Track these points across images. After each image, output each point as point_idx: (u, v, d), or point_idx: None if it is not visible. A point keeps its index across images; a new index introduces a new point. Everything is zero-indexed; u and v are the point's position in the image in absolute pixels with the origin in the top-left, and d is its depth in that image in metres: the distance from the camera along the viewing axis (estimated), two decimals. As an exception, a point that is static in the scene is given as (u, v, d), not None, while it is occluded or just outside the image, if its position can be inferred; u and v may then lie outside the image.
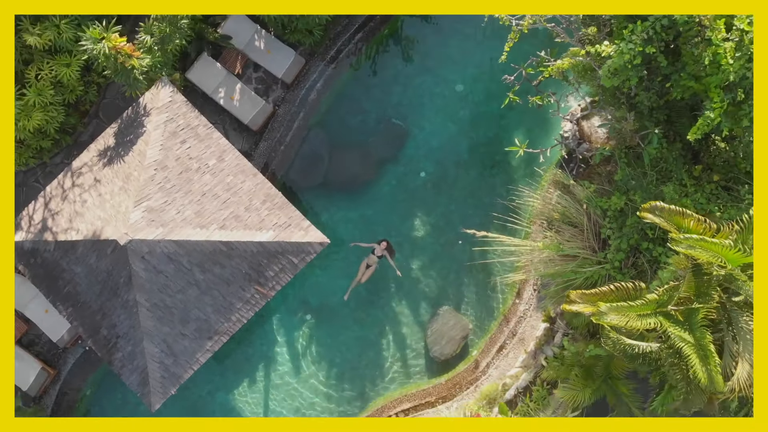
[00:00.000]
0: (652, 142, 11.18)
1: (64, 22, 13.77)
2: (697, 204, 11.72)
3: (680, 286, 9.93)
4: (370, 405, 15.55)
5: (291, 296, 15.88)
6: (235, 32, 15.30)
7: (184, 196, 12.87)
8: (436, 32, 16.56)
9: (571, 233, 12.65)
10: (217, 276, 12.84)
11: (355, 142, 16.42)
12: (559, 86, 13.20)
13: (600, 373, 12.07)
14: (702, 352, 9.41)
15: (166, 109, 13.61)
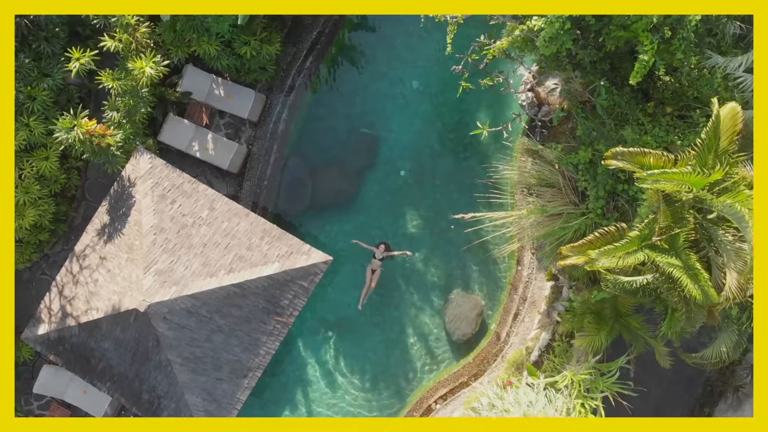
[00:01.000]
0: (601, 94, 12.09)
1: (32, 119, 14.52)
2: (658, 138, 12.65)
3: (657, 217, 10.83)
4: (409, 400, 16.41)
5: (309, 318, 16.68)
6: (193, 87, 16.08)
7: (188, 251, 13.66)
8: (380, 38, 17.42)
9: (551, 194, 13.54)
10: (237, 317, 13.64)
11: (331, 159, 17.24)
12: (505, 64, 14.08)
13: (609, 314, 12.98)
14: (691, 272, 10.31)
15: (150, 176, 14.39)
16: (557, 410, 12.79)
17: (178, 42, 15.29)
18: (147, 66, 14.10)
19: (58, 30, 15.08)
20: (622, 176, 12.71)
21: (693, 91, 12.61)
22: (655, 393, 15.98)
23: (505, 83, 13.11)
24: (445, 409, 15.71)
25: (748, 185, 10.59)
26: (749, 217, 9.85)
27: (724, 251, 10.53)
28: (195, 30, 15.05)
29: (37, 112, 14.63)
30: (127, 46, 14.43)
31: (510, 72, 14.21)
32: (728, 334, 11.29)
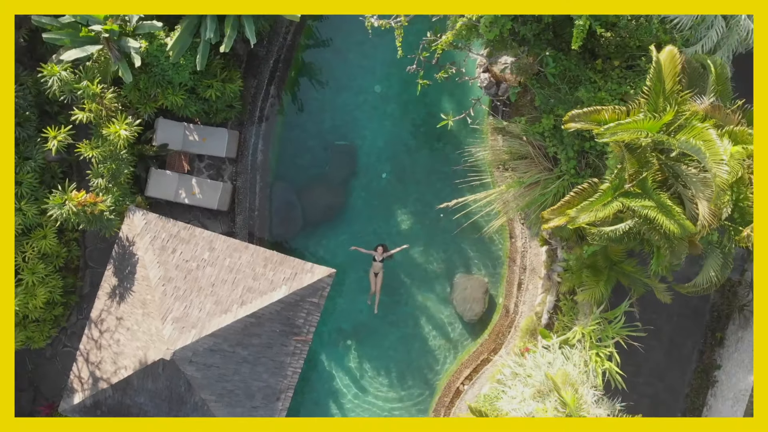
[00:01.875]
0: (549, 64, 12.91)
1: (23, 203, 15.22)
2: (612, 92, 13.48)
3: (624, 166, 11.67)
4: (437, 388, 17.22)
5: (326, 332, 17.46)
6: (167, 138, 16.82)
7: (198, 294, 14.41)
8: (334, 52, 18.24)
9: (525, 165, 14.37)
10: (258, 345, 14.40)
11: (314, 177, 18.02)
12: (456, 55, 14.89)
13: (603, 265, 13.82)
14: (665, 210, 11.14)
15: (146, 231, 15.13)
16: (575, 365, 13.60)
17: (144, 100, 16.05)
18: (121, 129, 14.84)
19: (28, 113, 15.80)
20: (587, 134, 13.52)
21: (634, 41, 13.43)
22: (665, 329, 16.86)
23: (459, 73, 13.91)
24: (472, 388, 16.52)
25: (700, 119, 11.45)
26: (706, 148, 10.70)
27: (691, 184, 11.38)
28: (158, 84, 15.81)
29: (27, 195, 15.34)
30: (97, 115, 15.16)
31: (461, 61, 15.01)
32: (713, 259, 12.12)
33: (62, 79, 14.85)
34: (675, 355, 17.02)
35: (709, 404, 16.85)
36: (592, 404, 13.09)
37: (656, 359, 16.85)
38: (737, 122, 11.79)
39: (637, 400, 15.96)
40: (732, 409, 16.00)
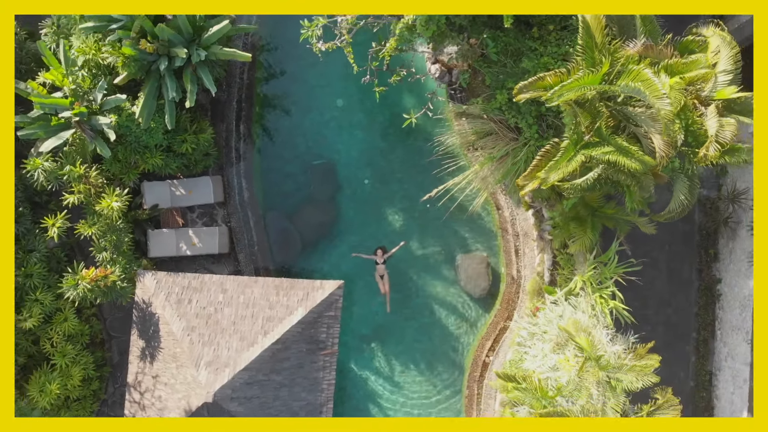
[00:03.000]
0: (488, 45, 14.04)
1: (38, 293, 16.20)
2: (554, 55, 14.61)
3: (579, 120, 12.80)
4: (465, 366, 18.36)
5: (349, 341, 18.53)
6: (156, 199, 17.86)
7: (223, 334, 15.47)
8: (290, 79, 19.34)
9: (492, 140, 15.49)
10: (290, 367, 15.46)
11: (302, 199, 19.10)
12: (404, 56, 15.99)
13: (586, 213, 14.96)
14: (623, 151, 12.27)
15: (159, 290, 16.16)
16: (584, 311, 14.72)
17: (126, 169, 17.08)
18: (112, 202, 15.88)
19: (21, 209, 16.80)
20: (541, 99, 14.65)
21: (562, 2, 14.56)
22: (661, 259, 18.03)
23: (410, 73, 15.01)
24: (497, 357, 17.65)
25: (636, 62, 12.58)
26: (645, 87, 11.83)
27: (642, 122, 12.53)
28: (135, 152, 16.86)
29: (39, 285, 16.34)
30: (87, 194, 16.18)
31: (410, 61, 16.12)
32: (680, 184, 13.27)
33: (46, 169, 15.88)
34: (676, 280, 18.19)
35: (718, 317, 18.02)
36: (607, 343, 14.19)
37: (660, 288, 18.02)
38: (671, 56, 12.93)
39: (651, 330, 17.14)
40: (741, 317, 17.17)
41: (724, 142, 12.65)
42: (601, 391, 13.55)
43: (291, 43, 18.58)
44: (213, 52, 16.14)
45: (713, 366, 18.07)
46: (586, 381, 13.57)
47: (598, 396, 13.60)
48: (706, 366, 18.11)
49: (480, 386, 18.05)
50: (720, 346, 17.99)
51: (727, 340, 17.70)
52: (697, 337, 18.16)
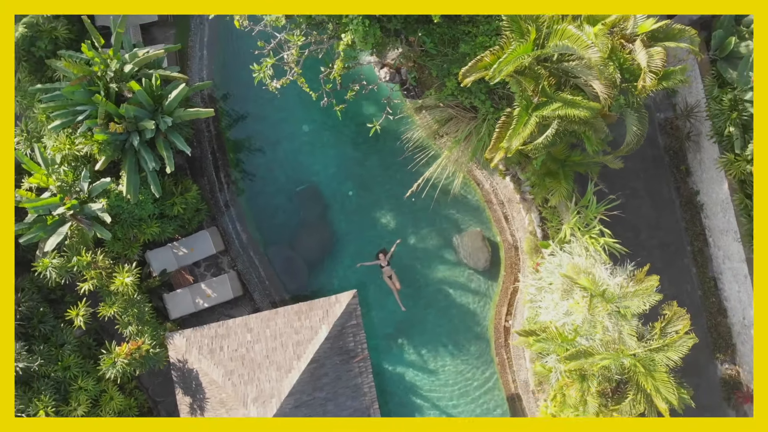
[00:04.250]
0: (425, 41, 15.41)
1: (81, 382, 17.37)
2: (488, 32, 15.97)
3: (524, 87, 14.19)
4: (489, 336, 19.75)
5: (377, 344, 19.84)
6: (162, 264, 19.13)
7: (260, 369, 16.75)
8: (253, 119, 20.69)
9: (454, 124, 16.87)
10: (329, 382, 16.76)
11: (296, 227, 20.42)
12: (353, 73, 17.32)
13: (556, 166, 16.36)
14: (570, 103, 13.63)
15: (190, 346, 17.42)
16: (579, 255, 16.10)
17: (127, 245, 18.32)
18: (125, 279, 17.12)
19: (42, 309, 17.98)
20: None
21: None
22: (639, 187, 19.48)
23: (362, 85, 16.36)
24: (515, 320, 19.06)
25: (558, 21, 13.98)
26: (572, 42, 13.22)
27: (579, 73, 13.95)
28: (132, 226, 18.11)
29: (79, 374, 17.54)
30: (99, 278, 17.41)
31: (359, 74, 17.45)
32: (630, 117, 14.70)
33: (56, 266, 17.09)
34: (658, 202, 19.63)
35: (706, 225, 19.46)
36: (608, 278, 15.56)
37: (646, 214, 19.45)
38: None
39: (648, 254, 18.57)
40: (725, 219, 18.60)
41: (657, 70, 14.11)
42: (613, 321, 14.95)
43: (245, 86, 19.95)
44: (178, 116, 17.43)
45: (714, 271, 19.51)
46: (598, 316, 14.96)
47: (613, 327, 15.00)
48: (708, 273, 19.55)
49: (507, 350, 19.44)
50: (715, 251, 19.44)
51: (720, 243, 19.15)
52: (691, 249, 19.61)
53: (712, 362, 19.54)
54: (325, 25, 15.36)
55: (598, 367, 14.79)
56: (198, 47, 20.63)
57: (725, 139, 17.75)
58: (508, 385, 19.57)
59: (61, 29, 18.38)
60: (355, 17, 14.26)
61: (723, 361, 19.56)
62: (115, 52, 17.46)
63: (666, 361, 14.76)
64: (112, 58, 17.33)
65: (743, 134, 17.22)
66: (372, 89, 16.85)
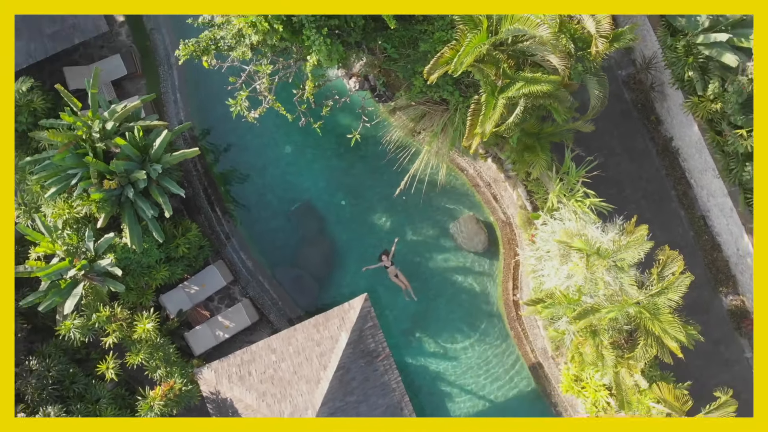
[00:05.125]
0: (386, 48, 16.39)
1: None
2: (443, 28, 16.85)
3: (486, 73, 15.17)
4: (500, 312, 20.82)
5: (397, 341, 20.80)
6: (177, 305, 20.06)
7: (290, 385, 17.69)
8: (236, 150, 21.69)
9: (429, 119, 17.84)
10: (357, 385, 17.70)
11: (297, 244, 21.38)
12: (325, 90, 18.26)
13: (531, 140, 17.36)
14: (531, 80, 14.62)
15: (220, 377, 18.34)
16: (569, 219, 17.09)
17: (141, 293, 19.23)
18: (146, 326, 18.02)
19: (72, 370, 18.82)
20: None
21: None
22: (613, 143, 20.52)
23: (336, 100, 17.32)
24: (522, 292, 20.06)
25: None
26: (522, 23, 14.20)
27: (535, 50, 14.98)
28: (142, 275, 19.01)
29: (118, 425, 18.42)
30: (120, 329, 18.30)
31: (331, 90, 18.39)
32: (590, 82, 15.74)
33: (78, 326, 17.97)
34: (636, 155, 20.68)
35: (685, 168, 20.51)
36: (600, 236, 16.56)
37: (626, 169, 20.50)
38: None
39: (635, 206, 19.60)
40: (701, 159, 19.63)
41: (606, 34, 15.17)
42: (612, 275, 15.95)
43: (222, 120, 20.93)
44: (165, 161, 18.36)
45: (701, 210, 20.57)
46: (597, 273, 15.96)
47: (613, 280, 16.00)
48: (696, 212, 20.62)
49: (520, 323, 20.45)
50: (698, 191, 20.49)
51: (702, 183, 20.20)
52: (676, 193, 20.66)
53: (716, 297, 20.60)
54: (290, 50, 16.30)
55: (606, 321, 15.80)
56: (171, 92, 21.57)
57: (686, 84, 18.80)
58: (528, 355, 20.57)
59: (38, 100, 19.31)
60: (316, 38, 15.18)
61: (726, 293, 20.61)
62: (94, 113, 18.38)
63: (668, 303, 15.79)
64: (93, 119, 18.25)
65: (702, 77, 18.25)
66: (345, 101, 17.79)
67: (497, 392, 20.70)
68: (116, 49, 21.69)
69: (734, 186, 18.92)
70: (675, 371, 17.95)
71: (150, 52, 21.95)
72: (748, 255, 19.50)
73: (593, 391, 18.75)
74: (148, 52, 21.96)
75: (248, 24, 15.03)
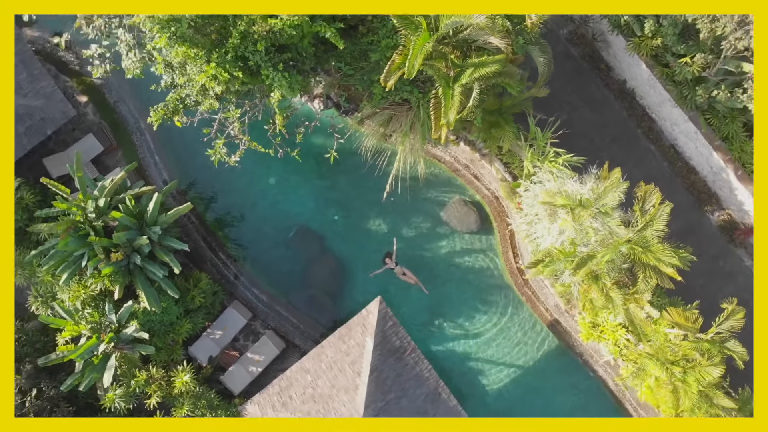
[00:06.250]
0: (340, 68, 17.75)
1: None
2: (387, 35, 18.20)
3: (438, 68, 16.52)
4: (508, 282, 22.20)
5: (420, 335, 22.08)
6: (207, 351, 21.34)
7: (331, 399, 18.96)
8: (222, 194, 23.03)
9: (396, 121, 19.17)
10: (394, 382, 19.00)
11: (303, 267, 22.69)
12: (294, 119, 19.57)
13: (494, 117, 18.80)
14: (479, 64, 16.02)
15: (265, 407, 19.58)
16: (547, 180, 18.46)
17: (171, 350, 20.46)
18: (183, 378, 19.27)
19: None
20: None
21: None
22: (572, 99, 22.00)
23: (306, 126, 18.64)
24: (523, 258, 21.44)
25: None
26: (457, 16, 15.56)
27: (476, 36, 16.35)
28: (168, 332, 20.25)
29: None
30: (160, 388, 19.50)
31: (299, 119, 19.64)
32: (534, 52, 17.18)
33: (120, 395, 19.18)
34: (595, 104, 22.13)
35: (644, 105, 21.98)
36: (579, 187, 17.94)
37: (590, 120, 21.93)
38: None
39: (607, 153, 20.98)
40: (656, 92, 21.09)
41: (536, 4, 16.55)
42: (599, 221, 17.35)
43: (204, 169, 22.27)
44: (162, 222, 19.62)
45: (668, 139, 22.04)
46: (585, 222, 17.36)
47: (601, 225, 17.40)
48: (665, 143, 22.08)
49: (529, 287, 21.84)
50: (662, 123, 21.96)
51: (663, 115, 21.66)
52: (642, 130, 22.13)
53: (704, 217, 22.05)
54: (253, 91, 17.60)
55: (603, 264, 17.21)
56: (149, 156, 22.85)
57: (624, 28, 20.27)
58: (543, 315, 21.96)
59: (28, 196, 20.51)
60: (274, 75, 16.46)
61: (712, 210, 22.07)
62: (85, 195, 19.61)
63: (656, 234, 17.20)
64: (85, 200, 19.49)
65: (636, 18, 19.70)
66: (315, 124, 19.13)
67: (524, 356, 22.07)
68: (87, 128, 22.93)
69: (692, 111, 20.37)
70: (683, 295, 19.34)
71: (119, 123, 23.22)
72: (722, 170, 20.95)
73: (611, 332, 20.16)
74: (117, 124, 23.24)
75: (209, 77, 16.31)
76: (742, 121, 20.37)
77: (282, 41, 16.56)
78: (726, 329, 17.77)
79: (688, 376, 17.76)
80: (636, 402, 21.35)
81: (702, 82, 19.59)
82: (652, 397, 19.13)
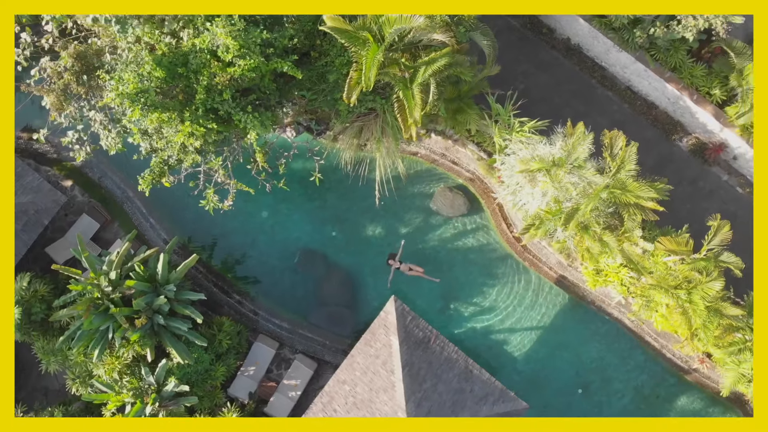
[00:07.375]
0: (303, 94, 19.15)
1: None
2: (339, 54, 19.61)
3: (393, 74, 17.94)
4: (510, 254, 23.67)
5: (439, 323, 23.45)
6: (246, 389, 22.68)
7: (372, 402, 20.34)
8: (223, 238, 24.32)
9: (368, 130, 20.61)
10: (427, 372, 20.40)
11: (314, 286, 24.09)
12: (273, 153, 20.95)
13: (455, 104, 20.25)
14: (429, 62, 17.45)
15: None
16: (519, 150, 19.90)
17: (212, 396, 21.78)
18: (231, 416, 20.60)
19: None
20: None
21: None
22: (525, 68, 23.43)
23: (286, 157, 20.02)
24: (515, 226, 22.91)
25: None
26: (398, 22, 16.98)
27: (420, 37, 17.79)
28: (205, 380, 21.55)
29: None
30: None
31: (278, 151, 20.99)
32: (477, 38, 18.66)
33: None
34: (547, 67, 23.57)
35: (593, 56, 23.46)
36: (550, 149, 19.35)
37: (545, 83, 23.35)
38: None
39: (569, 109, 22.53)
40: (600, 42, 22.56)
41: (467, -7, 18.02)
42: (575, 175, 18.79)
43: (197, 220, 23.63)
44: (174, 279, 20.94)
45: (623, 83, 23.54)
46: (563, 180, 18.81)
47: (579, 179, 18.83)
48: (620, 87, 23.58)
49: (528, 252, 23.32)
50: (613, 69, 23.45)
51: (611, 61, 23.16)
52: (596, 80, 23.61)
53: (674, 145, 23.54)
54: (228, 137, 18.97)
55: (589, 214, 18.68)
56: (144, 220, 24.16)
57: (555, -9, 21.76)
58: (549, 274, 23.44)
59: (42, 288, 21.77)
60: (245, 117, 17.83)
61: (680, 138, 23.57)
62: (96, 272, 20.89)
63: (629, 174, 18.67)
64: (97, 277, 20.76)
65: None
66: (294, 153, 20.54)
67: (541, 317, 23.54)
68: (78, 210, 24.20)
69: (637, 51, 21.88)
70: (674, 222, 20.82)
71: (108, 197, 24.52)
72: (679, 99, 22.45)
73: (615, 274, 21.62)
74: (106, 198, 24.53)
75: (187, 135, 17.64)
76: (685, 49, 21.91)
77: (244, 85, 17.98)
78: (716, 244, 19.27)
79: (693, 296, 19.23)
80: (655, 332, 22.86)
81: (639, 23, 21.13)
82: (667, 323, 20.61)
